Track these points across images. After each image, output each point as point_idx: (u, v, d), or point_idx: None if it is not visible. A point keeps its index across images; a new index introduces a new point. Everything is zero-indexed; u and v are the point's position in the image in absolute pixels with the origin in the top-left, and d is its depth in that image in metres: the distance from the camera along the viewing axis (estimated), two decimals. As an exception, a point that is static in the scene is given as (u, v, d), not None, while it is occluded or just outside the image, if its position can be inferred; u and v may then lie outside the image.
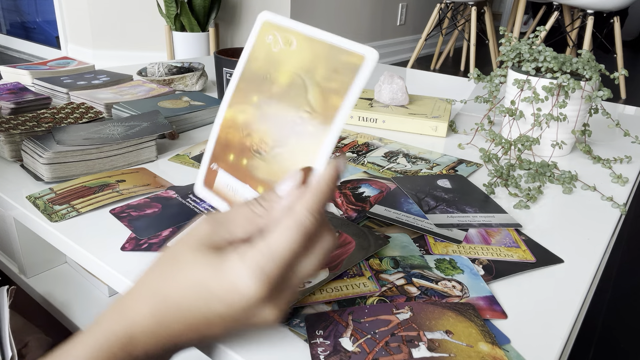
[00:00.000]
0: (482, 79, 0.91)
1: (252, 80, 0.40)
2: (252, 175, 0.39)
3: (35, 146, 0.68)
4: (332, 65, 0.37)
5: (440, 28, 3.57)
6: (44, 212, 0.60)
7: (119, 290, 0.51)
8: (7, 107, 0.87)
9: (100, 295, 0.74)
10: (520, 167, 0.79)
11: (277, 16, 0.40)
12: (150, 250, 0.53)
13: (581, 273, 0.53)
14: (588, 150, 0.86)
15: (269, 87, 0.39)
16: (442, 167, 0.79)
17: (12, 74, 1.12)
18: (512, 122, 0.86)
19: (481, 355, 0.40)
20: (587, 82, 0.80)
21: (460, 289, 0.48)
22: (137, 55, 3.03)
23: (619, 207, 0.69)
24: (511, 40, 0.90)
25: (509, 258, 0.54)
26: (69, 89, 0.99)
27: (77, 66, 1.21)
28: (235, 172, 0.40)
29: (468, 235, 0.59)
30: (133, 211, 0.61)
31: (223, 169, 0.41)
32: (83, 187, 0.66)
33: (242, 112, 0.40)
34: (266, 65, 0.40)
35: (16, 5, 3.80)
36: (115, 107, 0.90)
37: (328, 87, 0.37)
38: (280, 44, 0.39)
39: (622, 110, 1.26)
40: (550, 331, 0.44)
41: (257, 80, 0.39)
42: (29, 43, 3.68)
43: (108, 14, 2.99)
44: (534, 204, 0.69)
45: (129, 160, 0.74)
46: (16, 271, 0.77)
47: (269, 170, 0.39)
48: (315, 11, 3.15)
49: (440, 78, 1.49)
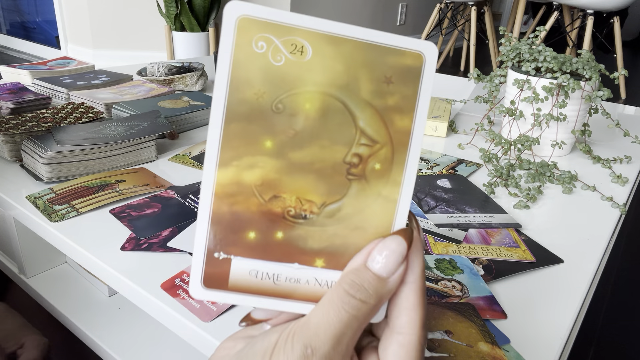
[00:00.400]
0: (482, 79, 0.91)
1: (250, 116, 0.26)
2: (299, 249, 0.27)
3: (35, 146, 0.68)
4: (380, 74, 0.27)
5: (440, 28, 3.57)
6: (44, 212, 0.60)
7: (119, 290, 0.51)
8: (7, 107, 0.87)
9: (100, 295, 0.74)
10: (520, 167, 0.79)
11: (257, 8, 0.26)
12: (150, 250, 0.53)
13: (581, 273, 0.53)
14: (588, 150, 0.86)
15: (287, 121, 0.27)
16: (442, 167, 0.79)
17: (12, 74, 1.12)
18: (512, 122, 0.86)
19: (481, 355, 0.40)
20: (587, 82, 0.80)
21: (460, 289, 0.48)
22: (137, 55, 3.03)
23: (619, 207, 0.69)
24: (511, 40, 0.90)
25: (509, 258, 0.54)
26: (69, 89, 0.99)
27: (77, 66, 1.21)
28: (266, 253, 0.27)
29: (468, 235, 0.59)
30: (133, 211, 0.61)
31: (241, 255, 0.27)
32: (83, 187, 0.66)
33: (250, 168, 0.27)
34: (270, 90, 0.26)
35: (16, 5, 3.80)
36: (115, 107, 0.90)
37: (385, 106, 0.27)
38: (284, 53, 0.26)
39: (622, 110, 1.26)
40: (550, 331, 0.44)
41: (262, 115, 0.26)
42: (28, 43, 3.68)
43: (108, 14, 2.99)
44: (533, 204, 0.69)
45: (128, 160, 0.74)
46: (16, 271, 0.77)
47: (328, 234, 0.28)
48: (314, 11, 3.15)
49: (440, 78, 1.49)
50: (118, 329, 0.68)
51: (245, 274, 0.27)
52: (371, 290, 0.25)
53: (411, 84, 0.27)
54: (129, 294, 0.50)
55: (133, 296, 0.50)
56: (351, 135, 0.27)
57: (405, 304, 0.25)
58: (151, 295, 0.47)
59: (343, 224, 0.28)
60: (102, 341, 0.66)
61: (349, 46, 0.26)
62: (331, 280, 0.27)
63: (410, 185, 0.27)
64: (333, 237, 0.27)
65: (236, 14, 0.26)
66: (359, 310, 0.24)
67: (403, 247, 0.25)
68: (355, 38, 0.27)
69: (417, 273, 0.25)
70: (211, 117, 0.26)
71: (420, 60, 0.27)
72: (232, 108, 0.26)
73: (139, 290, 0.48)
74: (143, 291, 0.48)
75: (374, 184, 0.27)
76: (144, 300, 0.48)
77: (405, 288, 0.25)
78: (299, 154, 0.27)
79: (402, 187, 0.27)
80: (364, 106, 0.27)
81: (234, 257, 0.27)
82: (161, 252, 0.53)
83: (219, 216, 0.27)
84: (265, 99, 0.26)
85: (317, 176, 0.27)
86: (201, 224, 0.27)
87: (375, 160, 0.27)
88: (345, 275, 0.25)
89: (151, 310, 0.48)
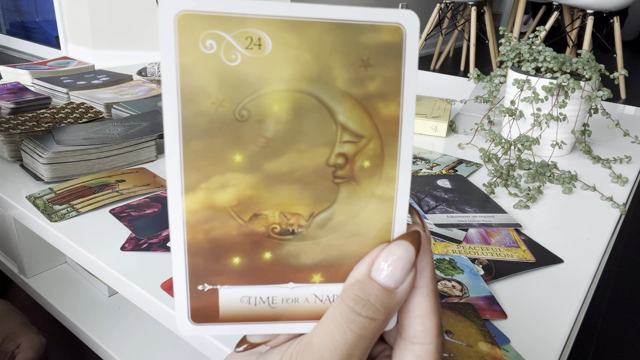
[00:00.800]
0: (482, 79, 0.91)
1: (211, 129, 0.23)
2: (292, 267, 0.25)
3: (35, 146, 0.68)
4: (356, 57, 0.23)
5: (440, 28, 3.57)
6: (44, 212, 0.60)
7: (119, 290, 0.51)
8: (7, 107, 0.87)
9: (100, 295, 0.74)
10: (520, 167, 0.79)
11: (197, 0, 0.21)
12: (150, 250, 0.53)
13: (581, 273, 0.53)
14: (588, 150, 0.86)
15: (255, 129, 0.23)
16: (442, 167, 0.79)
17: (12, 74, 1.12)
18: (512, 122, 0.86)
19: (481, 355, 0.40)
20: (587, 82, 0.80)
21: (460, 289, 0.48)
22: (137, 55, 3.03)
23: (619, 207, 0.69)
24: (511, 40, 0.90)
25: (509, 258, 0.54)
26: (69, 88, 0.99)
27: (77, 66, 1.21)
28: (256, 277, 0.25)
29: (468, 235, 0.59)
30: (133, 211, 0.61)
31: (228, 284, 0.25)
32: (83, 187, 0.66)
33: (221, 188, 0.24)
34: (230, 96, 0.22)
35: (16, 5, 3.80)
36: (115, 107, 0.90)
37: (365, 93, 0.23)
38: (238, 50, 0.22)
39: (622, 110, 1.26)
40: (550, 331, 0.44)
41: (225, 127, 0.23)
42: (28, 43, 3.68)
43: (108, 14, 2.99)
44: (533, 204, 0.69)
45: (128, 160, 0.74)
46: (16, 271, 0.77)
47: (322, 247, 0.25)
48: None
49: (440, 78, 1.49)
50: (118, 329, 0.68)
51: (237, 302, 0.25)
52: (378, 304, 0.22)
53: (392, 64, 0.23)
54: (129, 294, 0.50)
55: (133, 296, 0.50)
56: (331, 133, 0.24)
57: (418, 312, 0.23)
58: (151, 295, 0.47)
59: (337, 233, 0.25)
60: (102, 341, 0.66)
61: (314, 30, 0.22)
62: (332, 294, 0.24)
63: (407, 179, 0.24)
64: (328, 249, 0.25)
65: (174, 10, 0.21)
66: (366, 329, 0.21)
67: (411, 253, 0.22)
68: (320, 19, 0.23)
69: (427, 276, 0.23)
70: (166, 137, 0.22)
71: (400, 33, 0.23)
72: (188, 123, 0.22)
73: (139, 290, 0.48)
74: (143, 291, 0.48)
75: (366, 184, 0.24)
76: (144, 300, 0.48)
77: (417, 294, 0.23)
78: (275, 163, 0.24)
79: (397, 183, 0.24)
80: (342, 98, 0.23)
81: (220, 286, 0.24)
82: (161, 252, 0.53)
83: (196, 246, 0.24)
84: (226, 107, 0.23)
85: (299, 185, 0.24)
86: (177, 258, 0.24)
87: (363, 157, 0.24)
88: (348, 289, 0.22)
89: (151, 310, 0.48)
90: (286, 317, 0.24)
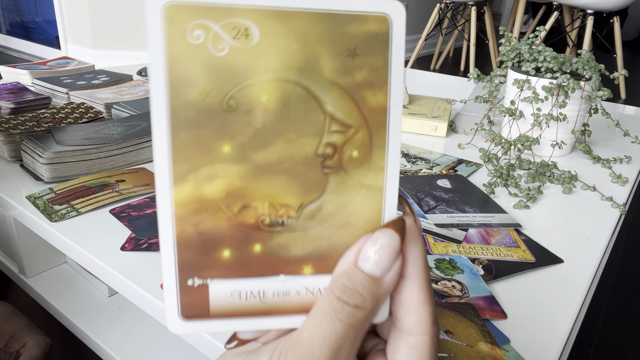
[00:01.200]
0: (482, 79, 0.91)
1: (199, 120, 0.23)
2: (282, 259, 0.25)
3: (35, 146, 0.68)
4: (343, 47, 0.23)
5: (440, 28, 3.57)
6: (44, 212, 0.60)
7: (119, 290, 0.51)
8: (7, 107, 0.87)
9: (100, 295, 0.74)
10: (520, 167, 0.79)
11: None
12: (150, 250, 0.53)
13: (581, 273, 0.53)
14: (588, 150, 0.86)
15: (243, 119, 0.23)
16: (442, 167, 0.79)
17: (12, 74, 1.12)
18: (512, 122, 0.86)
19: (481, 355, 0.40)
20: (587, 82, 0.80)
21: (460, 289, 0.48)
22: (137, 55, 3.03)
23: (619, 207, 0.69)
24: (511, 40, 0.90)
25: (509, 258, 0.54)
26: (69, 88, 0.99)
27: (77, 66, 1.21)
28: (246, 270, 0.25)
29: (468, 235, 0.59)
30: (133, 211, 0.61)
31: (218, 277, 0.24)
32: (83, 187, 0.66)
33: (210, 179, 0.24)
34: (217, 86, 0.23)
35: (16, 5, 3.80)
36: (115, 107, 0.90)
37: (353, 83, 0.24)
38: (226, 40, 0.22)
39: (622, 110, 1.26)
40: (550, 331, 0.44)
41: (213, 117, 0.23)
42: (28, 43, 3.68)
43: (108, 14, 2.99)
44: (533, 204, 0.69)
45: (128, 160, 0.74)
46: (16, 271, 0.77)
47: (312, 238, 0.25)
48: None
49: (440, 78, 1.49)
50: (118, 329, 0.68)
51: (227, 296, 0.24)
52: (365, 293, 0.22)
53: (379, 53, 0.23)
54: (129, 294, 0.50)
55: (133, 296, 0.50)
56: (320, 123, 0.24)
57: (411, 302, 0.22)
58: (151, 296, 0.47)
59: (327, 224, 0.25)
60: (102, 341, 0.66)
61: (301, 20, 0.23)
62: (324, 286, 0.24)
63: (396, 168, 0.24)
64: (318, 240, 0.24)
65: (161, 1, 0.22)
66: (354, 317, 0.21)
67: (396, 241, 0.22)
68: (307, 9, 0.23)
69: (418, 265, 0.23)
70: (154, 128, 0.22)
71: (386, 23, 0.23)
72: (177, 114, 0.22)
73: (139, 290, 0.48)
74: (143, 291, 0.48)
75: (354, 173, 0.24)
76: (144, 300, 0.48)
77: (408, 283, 0.23)
78: (264, 154, 0.24)
79: (386, 172, 0.24)
80: (329, 87, 0.23)
81: (210, 280, 0.24)
82: (161, 252, 0.53)
83: (185, 239, 0.23)
84: (214, 97, 0.23)
85: (288, 176, 0.24)
86: (166, 252, 0.23)
87: (352, 147, 0.24)
88: (336, 279, 0.23)
89: (151, 310, 0.48)
90: (277, 311, 0.24)
